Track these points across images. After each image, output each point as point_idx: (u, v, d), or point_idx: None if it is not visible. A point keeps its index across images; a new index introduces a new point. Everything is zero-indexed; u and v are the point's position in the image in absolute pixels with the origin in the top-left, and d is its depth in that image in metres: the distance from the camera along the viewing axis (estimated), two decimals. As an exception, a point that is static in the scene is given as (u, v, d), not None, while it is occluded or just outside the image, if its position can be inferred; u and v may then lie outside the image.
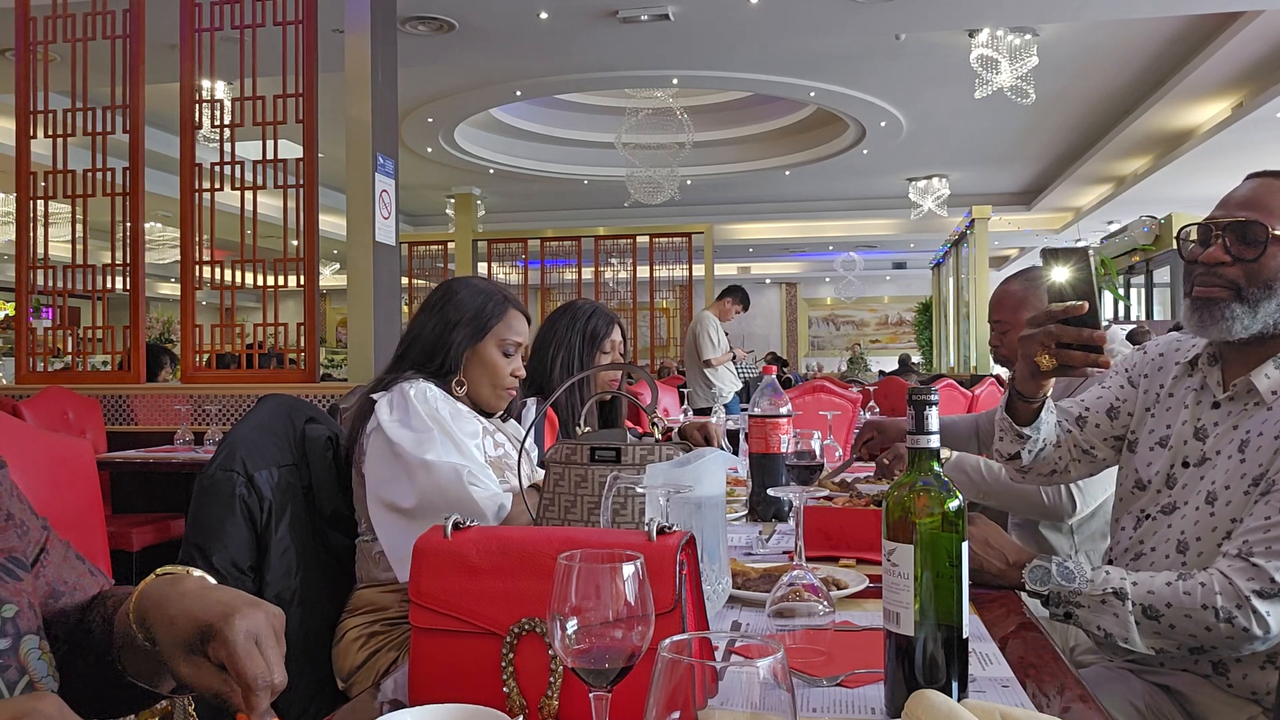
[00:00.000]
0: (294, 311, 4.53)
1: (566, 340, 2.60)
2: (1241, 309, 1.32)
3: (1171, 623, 1.24)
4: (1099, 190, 12.80)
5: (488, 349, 1.91)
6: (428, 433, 1.72)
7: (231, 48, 4.60)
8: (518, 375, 1.95)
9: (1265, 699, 1.34)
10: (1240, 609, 1.20)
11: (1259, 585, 1.20)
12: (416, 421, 1.74)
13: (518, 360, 1.95)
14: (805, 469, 1.87)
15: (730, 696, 0.62)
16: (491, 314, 1.92)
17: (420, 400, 1.77)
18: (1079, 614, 1.31)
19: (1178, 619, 1.23)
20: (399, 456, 1.70)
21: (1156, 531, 1.48)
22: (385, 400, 1.78)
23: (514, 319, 1.94)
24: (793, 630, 1.14)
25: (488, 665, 0.98)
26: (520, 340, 1.95)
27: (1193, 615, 1.23)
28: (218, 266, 4.70)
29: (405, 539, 1.68)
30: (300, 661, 1.75)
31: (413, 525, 1.68)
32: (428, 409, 1.76)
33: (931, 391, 1.00)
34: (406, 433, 1.72)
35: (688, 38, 6.61)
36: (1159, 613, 1.25)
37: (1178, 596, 1.24)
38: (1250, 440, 1.34)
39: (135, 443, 4.41)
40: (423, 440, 1.71)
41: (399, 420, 1.74)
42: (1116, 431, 1.63)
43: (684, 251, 11.15)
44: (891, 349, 19.85)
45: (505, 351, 1.92)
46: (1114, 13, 6.48)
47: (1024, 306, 2.31)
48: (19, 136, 4.81)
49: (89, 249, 4.85)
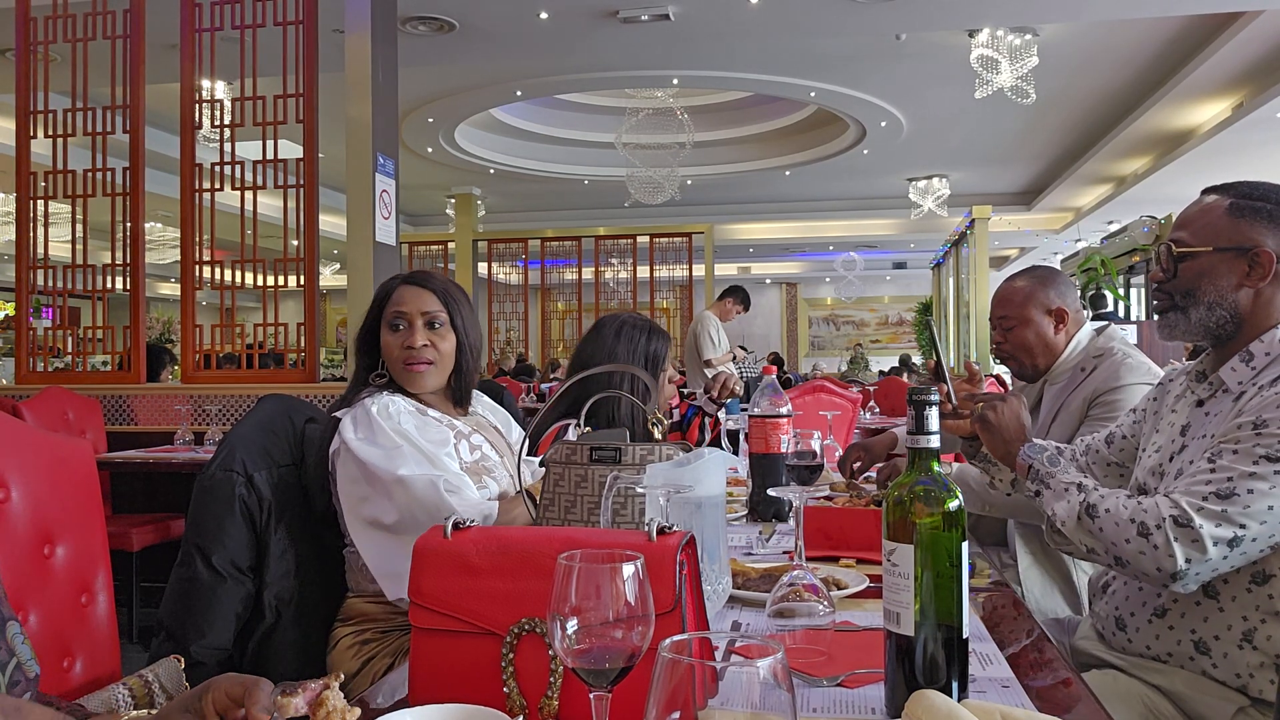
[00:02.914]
0: (294, 311, 4.53)
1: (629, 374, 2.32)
2: (1176, 316, 1.54)
3: (1102, 526, 1.38)
4: (1099, 190, 12.80)
5: (382, 332, 1.86)
6: (396, 448, 1.68)
7: (231, 48, 4.60)
8: (411, 345, 1.82)
9: (1250, 685, 1.39)
10: (1159, 529, 1.32)
11: (1175, 513, 1.32)
12: (383, 438, 1.69)
13: (410, 333, 1.83)
14: (805, 469, 1.86)
15: (730, 696, 0.62)
16: (383, 297, 1.88)
17: (383, 416, 1.72)
18: (1044, 494, 1.50)
19: (1108, 524, 1.37)
20: (373, 475, 1.65)
21: None
22: (349, 417, 1.74)
23: (400, 293, 1.87)
24: (793, 630, 1.14)
25: (488, 665, 0.98)
26: (404, 310, 1.84)
27: (1120, 525, 1.36)
28: (218, 266, 4.70)
29: (390, 555, 1.65)
30: (298, 663, 1.75)
31: (397, 541, 1.65)
32: (392, 425, 1.71)
33: (931, 392, 1.00)
34: (375, 450, 1.67)
35: (688, 38, 6.61)
36: (1097, 514, 1.39)
37: (1116, 506, 1.38)
38: (1213, 420, 1.49)
39: (135, 443, 4.41)
40: (393, 455, 1.66)
41: (365, 439, 1.70)
42: (1112, 458, 1.79)
43: (684, 251, 11.15)
44: (891, 349, 19.86)
45: (393, 325, 1.84)
46: (1114, 13, 6.48)
47: (1029, 302, 2.32)
48: (19, 136, 4.81)
49: (89, 249, 4.85)
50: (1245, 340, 1.48)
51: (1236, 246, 1.47)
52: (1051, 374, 2.35)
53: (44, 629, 1.38)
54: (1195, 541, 1.29)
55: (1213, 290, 1.48)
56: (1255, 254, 1.46)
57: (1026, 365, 2.36)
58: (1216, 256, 1.48)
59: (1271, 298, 1.47)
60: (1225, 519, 1.29)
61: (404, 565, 1.61)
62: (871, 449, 2.51)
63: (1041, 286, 2.33)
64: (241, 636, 1.71)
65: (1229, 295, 1.48)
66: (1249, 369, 1.46)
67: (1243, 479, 1.31)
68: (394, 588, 1.65)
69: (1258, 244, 1.46)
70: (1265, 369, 1.44)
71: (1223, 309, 1.48)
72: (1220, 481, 1.32)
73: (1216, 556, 1.29)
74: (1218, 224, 1.49)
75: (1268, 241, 1.46)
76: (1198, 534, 1.29)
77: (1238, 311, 1.48)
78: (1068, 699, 1.05)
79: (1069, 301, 2.33)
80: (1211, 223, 1.50)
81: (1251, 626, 1.39)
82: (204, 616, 1.65)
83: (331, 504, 1.79)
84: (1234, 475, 1.31)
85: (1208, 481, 1.33)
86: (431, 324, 1.85)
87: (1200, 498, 1.32)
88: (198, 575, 1.66)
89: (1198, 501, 1.32)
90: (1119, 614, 1.55)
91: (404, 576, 1.60)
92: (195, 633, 1.64)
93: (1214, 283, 1.48)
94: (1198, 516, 1.30)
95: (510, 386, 7.34)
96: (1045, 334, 2.31)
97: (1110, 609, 1.58)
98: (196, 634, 1.63)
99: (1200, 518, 1.30)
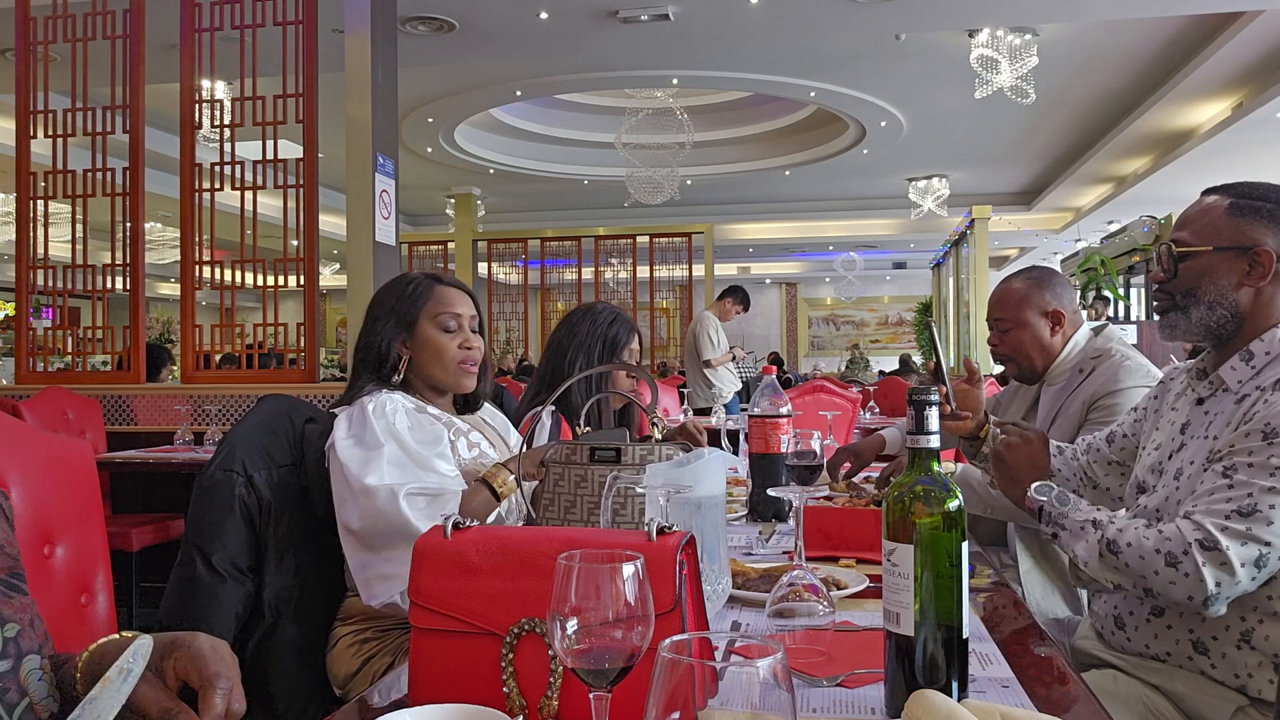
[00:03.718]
0: (294, 311, 4.53)
1: (586, 344, 2.56)
2: (1177, 316, 1.54)
3: (1128, 560, 1.36)
4: (1099, 190, 12.80)
5: (425, 331, 1.85)
6: (376, 450, 1.66)
7: (231, 48, 4.60)
8: (468, 347, 1.86)
9: (1249, 685, 1.39)
10: (1186, 556, 1.30)
11: (1200, 536, 1.30)
12: (370, 438, 1.68)
13: (466, 333, 1.87)
14: (805, 469, 1.86)
15: (730, 696, 0.62)
16: (416, 296, 1.87)
17: (378, 414, 1.71)
18: (1062, 535, 1.47)
19: (1133, 558, 1.35)
20: (347, 479, 1.65)
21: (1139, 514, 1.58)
22: (345, 415, 1.74)
23: (444, 294, 1.88)
24: (793, 630, 1.14)
25: (488, 665, 0.98)
26: (459, 312, 1.87)
27: (1146, 557, 1.34)
28: (218, 266, 4.70)
29: (361, 561, 1.65)
30: (298, 663, 1.74)
31: (361, 547, 1.64)
32: (384, 424, 1.70)
33: (931, 392, 1.00)
34: (357, 452, 1.67)
35: (688, 38, 6.61)
36: (1119, 549, 1.37)
37: (1138, 538, 1.36)
38: (1214, 420, 1.48)
39: (135, 443, 4.41)
40: (369, 461, 1.65)
41: (354, 438, 1.69)
42: (1113, 456, 1.81)
43: (684, 251, 11.15)
44: (891, 349, 19.86)
45: (445, 327, 1.85)
46: (1114, 13, 6.48)
47: (1025, 304, 2.30)
48: (19, 136, 4.81)
49: (89, 249, 4.85)
50: (1246, 339, 1.49)
51: (1236, 246, 1.47)
52: (1049, 375, 2.33)
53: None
54: (1224, 564, 1.28)
55: (1213, 289, 1.49)
56: (1255, 253, 1.46)
57: (1024, 368, 2.34)
58: (1217, 256, 1.49)
59: (1272, 297, 1.47)
60: (1250, 538, 1.28)
61: (372, 572, 1.62)
62: (861, 453, 2.50)
63: (1038, 288, 2.31)
64: (241, 636, 1.71)
65: (1229, 294, 1.48)
66: (1249, 368, 1.46)
67: (1263, 494, 1.30)
68: (365, 593, 1.64)
69: (1258, 243, 1.46)
70: (1265, 368, 1.45)
71: (1223, 308, 1.49)
72: (1241, 499, 1.31)
73: (1245, 578, 1.29)
74: (1218, 223, 1.50)
75: (1268, 240, 1.46)
76: (1225, 556, 1.28)
77: (1238, 310, 1.48)
78: (1067, 699, 1.05)
79: (1066, 303, 2.31)
80: (1212, 222, 1.50)
81: (1249, 626, 1.39)
82: (204, 616, 1.64)
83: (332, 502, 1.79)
84: (1253, 491, 1.30)
85: (1228, 499, 1.32)
86: (475, 328, 1.91)
87: (1223, 516, 1.31)
88: (198, 575, 1.66)
89: (1221, 521, 1.30)
90: (1117, 613, 1.55)
91: (372, 583, 1.62)
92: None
93: (1214, 282, 1.49)
94: (1223, 537, 1.29)
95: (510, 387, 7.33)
96: (1041, 336, 2.29)
97: (1109, 608, 1.58)
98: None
99: (1226, 538, 1.29)
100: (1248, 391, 1.44)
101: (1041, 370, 2.33)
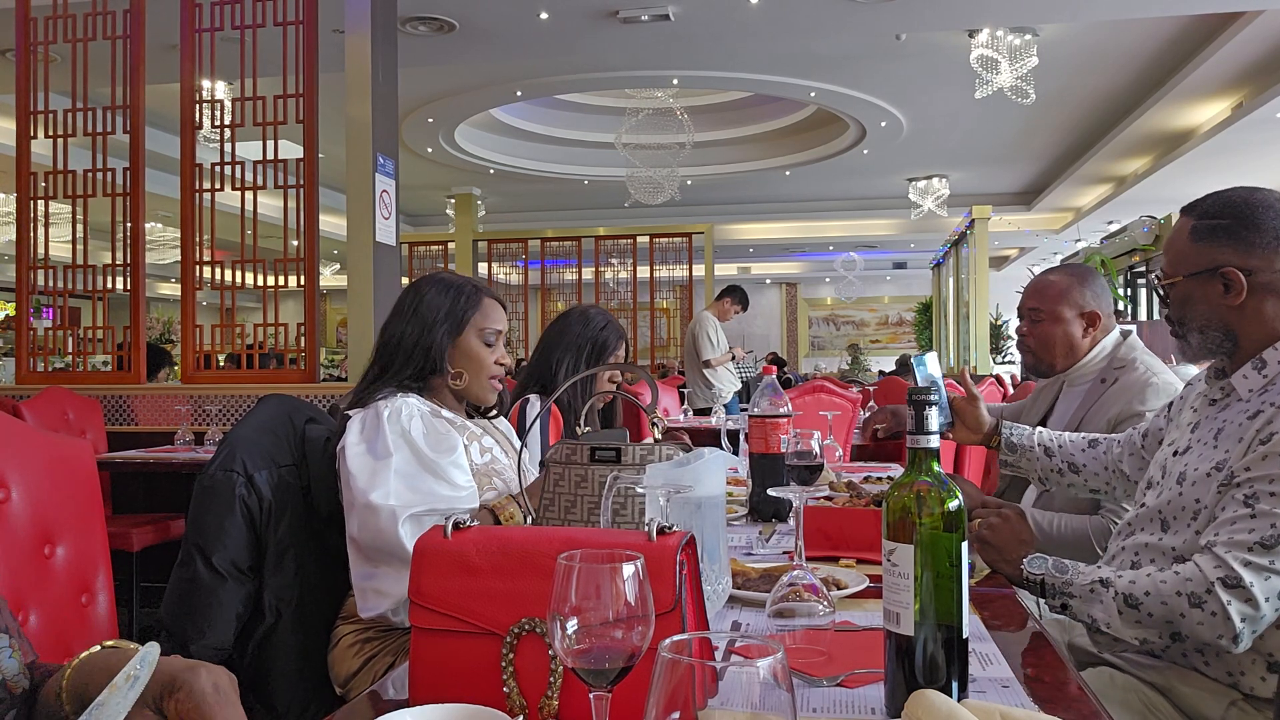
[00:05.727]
0: (294, 311, 4.53)
1: (575, 345, 2.63)
2: (1182, 342, 1.56)
3: (1150, 610, 1.31)
4: (1099, 190, 12.80)
5: (468, 341, 1.86)
6: (385, 460, 1.65)
7: (231, 48, 4.60)
8: (502, 364, 1.90)
9: (1242, 682, 1.40)
10: (1210, 594, 1.28)
11: (1223, 574, 1.28)
12: (380, 446, 1.67)
13: (500, 349, 1.90)
14: (805, 469, 1.86)
15: (730, 696, 0.63)
16: (467, 305, 1.87)
17: (392, 420, 1.70)
18: (1073, 604, 1.39)
19: (1155, 606, 1.31)
20: (353, 490, 1.65)
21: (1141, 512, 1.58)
22: (358, 419, 1.73)
23: (490, 308, 1.90)
24: (793, 630, 1.15)
25: (488, 665, 0.98)
26: (500, 329, 1.90)
27: (1169, 602, 1.30)
28: (218, 266, 4.70)
29: (359, 570, 1.65)
30: (298, 663, 1.75)
31: (362, 558, 1.65)
32: (398, 429, 1.69)
33: (931, 391, 1.00)
34: (366, 462, 1.66)
35: (688, 38, 6.61)
36: (1138, 601, 1.32)
37: (1155, 585, 1.32)
38: (1224, 429, 1.46)
39: (135, 443, 4.41)
40: (376, 474, 1.65)
41: (366, 445, 1.68)
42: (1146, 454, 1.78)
43: (684, 252, 11.14)
44: (891, 349, 19.86)
45: (486, 341, 1.88)
46: (1114, 13, 6.48)
47: (1063, 299, 2.26)
48: (19, 137, 4.81)
49: (89, 249, 4.85)
50: (1252, 350, 1.48)
51: (1204, 270, 1.48)
52: (1071, 375, 2.30)
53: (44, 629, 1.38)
54: (1249, 600, 1.27)
55: (1198, 315, 1.50)
56: (1223, 274, 1.46)
57: (1044, 361, 2.30)
58: (1191, 283, 1.50)
59: (1259, 308, 1.46)
60: (1274, 571, 1.27)
61: (369, 584, 1.64)
62: (900, 414, 2.48)
63: (1079, 285, 2.27)
64: (242, 636, 1.71)
65: (1214, 317, 1.49)
66: (1260, 376, 1.46)
67: None
68: (360, 601, 1.66)
69: (1221, 264, 1.46)
70: (1277, 378, 1.44)
71: (1214, 330, 1.49)
72: (1264, 529, 1.29)
73: (1269, 611, 1.28)
74: (1184, 250, 1.51)
75: (1231, 259, 1.46)
76: (1250, 593, 1.27)
77: (1229, 329, 1.48)
78: (1067, 699, 1.05)
79: (1103, 305, 2.27)
80: (1180, 250, 1.52)
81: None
82: (204, 616, 1.65)
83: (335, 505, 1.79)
84: (1276, 522, 1.29)
85: (1250, 529, 1.30)
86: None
87: (1245, 549, 1.29)
88: (198, 575, 1.66)
89: (1243, 555, 1.29)
90: None
91: (367, 594, 1.64)
92: (195, 633, 1.64)
93: (1196, 308, 1.50)
94: (1246, 573, 1.27)
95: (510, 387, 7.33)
96: (1073, 335, 2.26)
97: None
98: (197, 634, 1.64)
99: (1249, 574, 1.27)
100: (1261, 407, 1.41)
101: (1061, 369, 2.30)
